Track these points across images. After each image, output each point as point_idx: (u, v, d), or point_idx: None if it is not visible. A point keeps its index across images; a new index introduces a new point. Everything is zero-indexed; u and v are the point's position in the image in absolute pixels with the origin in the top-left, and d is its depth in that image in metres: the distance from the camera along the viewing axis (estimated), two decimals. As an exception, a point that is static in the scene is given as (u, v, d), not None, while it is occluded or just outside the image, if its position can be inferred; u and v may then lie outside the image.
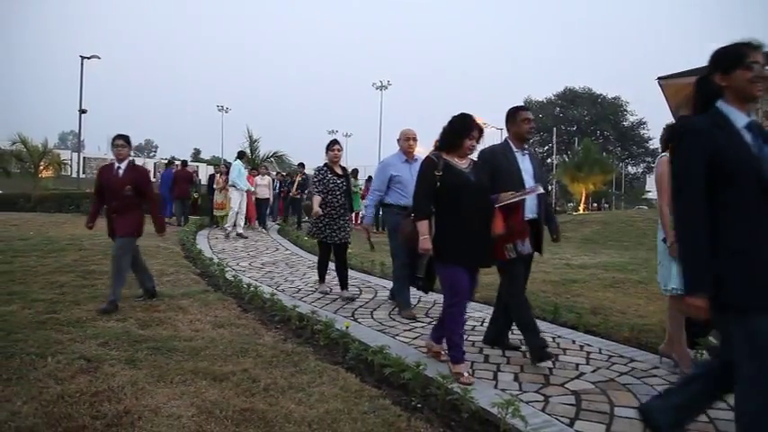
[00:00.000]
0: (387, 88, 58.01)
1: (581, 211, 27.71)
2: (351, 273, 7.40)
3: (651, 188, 63.54)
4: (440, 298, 5.92)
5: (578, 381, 3.49)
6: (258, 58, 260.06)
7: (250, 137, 22.50)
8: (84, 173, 40.61)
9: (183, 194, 14.56)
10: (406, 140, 5.42)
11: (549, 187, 51.99)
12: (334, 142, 6.08)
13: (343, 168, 6.13)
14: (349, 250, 6.30)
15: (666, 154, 3.92)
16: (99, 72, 57.05)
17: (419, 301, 5.80)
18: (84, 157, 42.66)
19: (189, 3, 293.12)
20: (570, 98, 69.12)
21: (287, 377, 3.43)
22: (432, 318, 5.13)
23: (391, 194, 5.35)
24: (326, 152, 6.06)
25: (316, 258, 8.99)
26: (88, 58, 27.61)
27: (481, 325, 4.82)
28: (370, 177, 13.49)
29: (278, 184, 16.92)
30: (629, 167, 68.95)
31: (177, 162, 17.78)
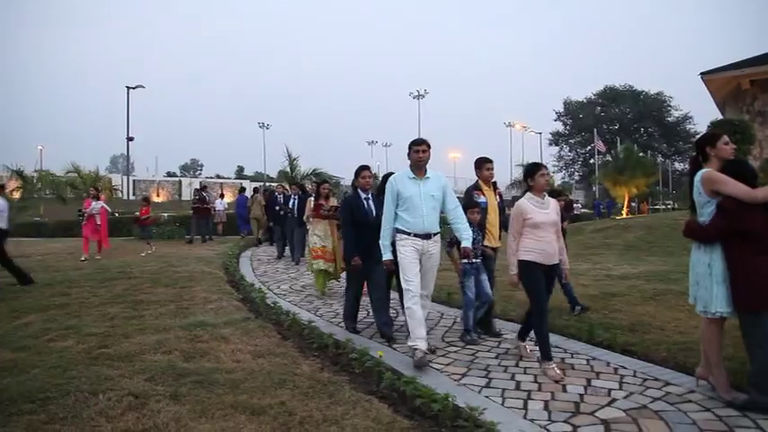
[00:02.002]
0: (424, 97, 58.49)
1: (624, 216, 27.00)
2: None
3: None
4: (447, 311, 5.91)
5: (609, 408, 3.49)
6: (297, 72, 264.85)
7: (289, 155, 23.10)
8: (134, 195, 42.36)
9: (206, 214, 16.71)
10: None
11: (594, 188, 51.12)
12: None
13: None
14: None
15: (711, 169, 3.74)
16: (146, 96, 59.27)
17: (454, 323, 5.84)
18: (133, 180, 44.49)
19: (222, 19, 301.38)
20: (611, 97, 67.75)
21: (322, 409, 3.55)
22: (449, 342, 5.18)
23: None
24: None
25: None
26: (134, 88, 28.93)
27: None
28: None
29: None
30: (676, 164, 66.86)
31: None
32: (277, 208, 12.87)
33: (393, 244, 4.78)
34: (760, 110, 19.92)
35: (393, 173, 5.21)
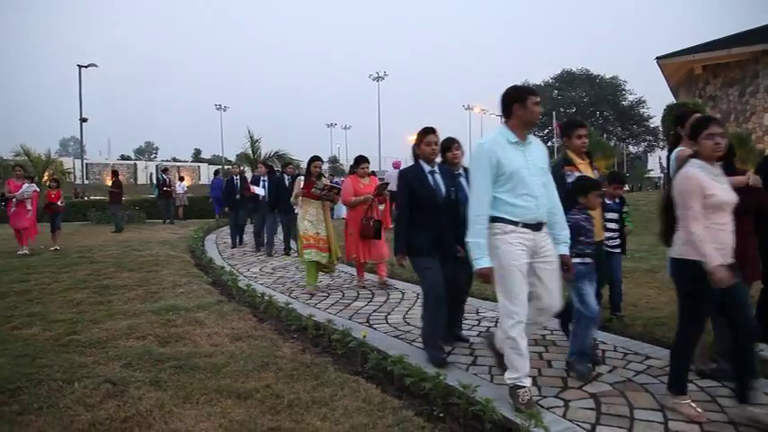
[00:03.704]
0: (383, 79, 58.12)
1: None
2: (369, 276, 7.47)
3: (653, 167, 63.36)
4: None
5: (596, 382, 3.54)
6: (251, 53, 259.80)
7: (251, 137, 22.66)
8: (87, 179, 40.92)
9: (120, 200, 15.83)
10: None
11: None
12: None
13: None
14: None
15: (686, 148, 3.80)
16: (97, 77, 57.01)
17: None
18: (86, 163, 42.93)
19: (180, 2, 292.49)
20: (568, 80, 68.92)
21: (309, 391, 3.49)
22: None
23: None
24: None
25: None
26: (86, 66, 27.74)
27: (495, 325, 4.86)
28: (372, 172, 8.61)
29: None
30: (630, 147, 68.80)
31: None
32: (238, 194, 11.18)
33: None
34: (711, 94, 20.60)
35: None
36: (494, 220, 3.22)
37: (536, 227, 3.24)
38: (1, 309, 5.69)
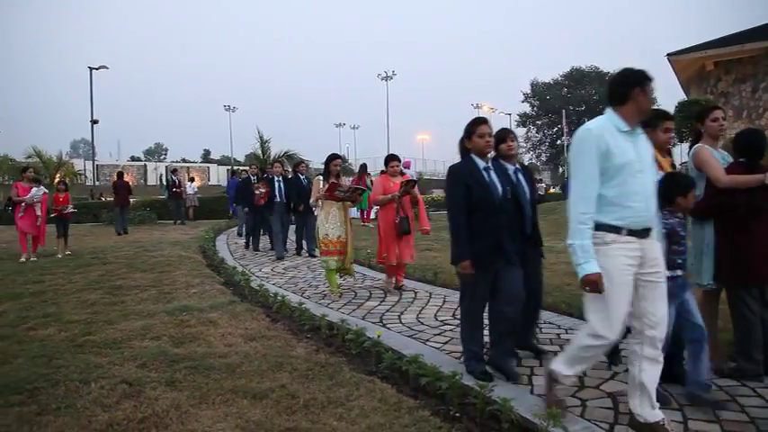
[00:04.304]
0: (392, 78, 58.14)
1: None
2: (375, 274, 7.46)
3: (664, 164, 62.61)
4: (434, 290, 5.76)
5: (613, 381, 3.51)
6: (260, 54, 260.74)
7: (261, 137, 22.71)
8: (98, 180, 41.25)
9: (124, 203, 15.25)
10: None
11: (561, 170, 51.92)
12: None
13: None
14: (369, 250, 6.22)
15: (703, 145, 3.79)
16: (107, 79, 57.43)
17: (444, 302, 5.83)
18: (97, 165, 43.30)
19: (189, 4, 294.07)
20: (577, 78, 68.50)
21: (324, 391, 3.48)
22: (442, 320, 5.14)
23: None
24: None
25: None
26: (97, 68, 28.00)
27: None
28: (383, 171, 7.19)
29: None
30: (641, 144, 68.22)
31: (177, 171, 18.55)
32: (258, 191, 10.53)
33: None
34: (723, 90, 20.37)
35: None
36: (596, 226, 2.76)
37: (642, 233, 2.78)
38: (17, 310, 5.75)
